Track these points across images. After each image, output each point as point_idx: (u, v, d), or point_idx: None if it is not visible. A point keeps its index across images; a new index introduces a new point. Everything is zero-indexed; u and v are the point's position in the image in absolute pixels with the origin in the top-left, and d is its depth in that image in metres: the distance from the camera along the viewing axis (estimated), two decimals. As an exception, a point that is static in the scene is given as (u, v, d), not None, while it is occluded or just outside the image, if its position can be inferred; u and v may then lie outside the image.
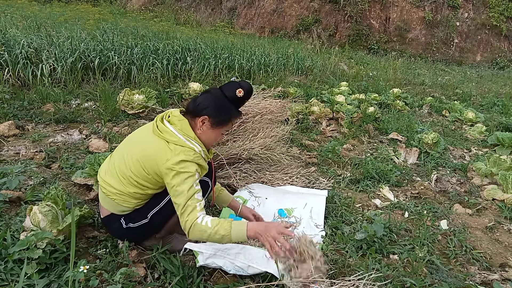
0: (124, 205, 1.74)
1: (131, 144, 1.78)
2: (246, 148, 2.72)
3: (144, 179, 1.69)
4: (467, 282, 1.91)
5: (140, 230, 1.78)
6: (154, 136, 1.69)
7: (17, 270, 1.60)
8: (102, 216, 1.83)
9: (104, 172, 1.80)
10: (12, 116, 3.42)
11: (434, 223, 2.49)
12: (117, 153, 1.81)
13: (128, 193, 1.71)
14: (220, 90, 1.74)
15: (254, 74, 6.11)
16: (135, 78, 4.86)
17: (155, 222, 1.78)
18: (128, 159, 1.71)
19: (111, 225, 1.82)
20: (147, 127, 1.79)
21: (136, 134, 1.83)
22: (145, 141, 1.71)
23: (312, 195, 2.53)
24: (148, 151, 1.67)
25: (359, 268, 1.87)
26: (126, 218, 1.77)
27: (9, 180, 2.21)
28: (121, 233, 1.82)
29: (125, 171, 1.70)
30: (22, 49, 4.28)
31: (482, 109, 6.11)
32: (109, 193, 1.73)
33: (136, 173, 1.68)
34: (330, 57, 8.39)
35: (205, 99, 1.71)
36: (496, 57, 12.46)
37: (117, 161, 1.76)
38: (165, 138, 1.65)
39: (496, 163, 3.27)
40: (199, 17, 13.22)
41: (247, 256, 1.67)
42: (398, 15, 12.68)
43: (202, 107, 1.69)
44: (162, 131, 1.67)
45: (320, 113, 4.52)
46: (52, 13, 8.29)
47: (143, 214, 1.77)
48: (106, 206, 1.79)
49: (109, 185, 1.73)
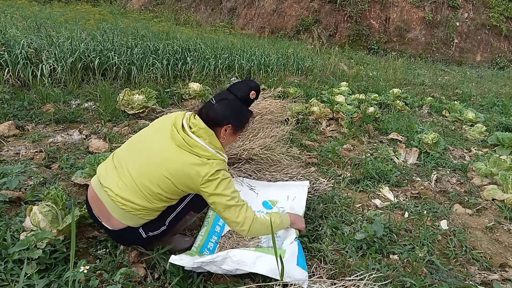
0: (145, 218, 1.70)
1: (151, 159, 1.64)
2: (246, 148, 2.72)
3: (174, 193, 1.67)
4: (467, 282, 1.91)
5: (159, 236, 1.79)
6: (183, 150, 1.62)
7: (17, 270, 1.60)
8: (114, 228, 1.71)
9: (117, 187, 1.64)
10: (12, 116, 3.42)
11: (434, 223, 2.49)
12: (132, 164, 1.66)
13: (153, 208, 1.67)
14: (234, 95, 1.72)
15: (254, 74, 6.11)
16: (135, 78, 4.86)
17: (171, 226, 1.80)
18: (152, 175, 1.61)
19: (126, 236, 1.75)
20: (162, 136, 1.68)
21: (152, 145, 1.69)
22: (171, 156, 1.62)
23: (295, 186, 2.55)
24: (179, 167, 1.60)
25: (359, 268, 1.87)
26: (145, 228, 1.73)
27: (9, 180, 2.21)
28: (138, 242, 1.81)
29: (152, 188, 1.62)
30: (22, 49, 4.28)
31: (482, 109, 6.10)
32: (130, 210, 1.64)
33: (166, 189, 1.63)
34: (330, 57, 8.38)
35: (225, 108, 1.68)
36: (496, 57, 12.45)
37: (136, 174, 1.63)
38: (197, 153, 1.61)
39: (496, 163, 3.27)
40: (199, 17, 13.22)
41: (234, 260, 1.65)
42: (398, 15, 12.67)
43: (224, 116, 1.68)
44: (192, 146, 1.62)
45: (320, 113, 4.52)
46: (52, 13, 8.28)
47: (162, 221, 1.76)
48: (124, 220, 1.68)
49: (130, 202, 1.63)
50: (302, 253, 1.85)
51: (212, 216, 2.16)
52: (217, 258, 1.64)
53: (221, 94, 1.75)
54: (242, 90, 1.73)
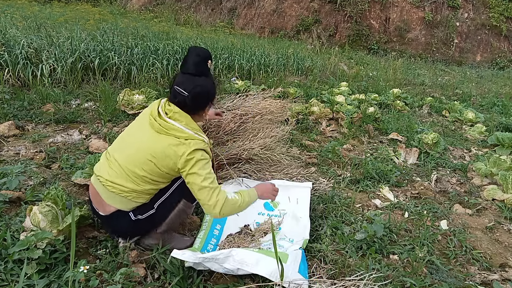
0: (137, 201, 1.78)
1: (135, 146, 1.76)
2: (246, 148, 2.72)
3: (159, 176, 1.74)
4: (467, 282, 1.91)
5: (147, 221, 1.83)
6: (161, 135, 1.71)
7: (17, 270, 1.60)
8: (106, 213, 1.80)
9: (107, 174, 1.77)
10: (12, 116, 3.42)
11: (434, 223, 2.49)
12: (118, 154, 1.79)
13: (142, 190, 1.75)
14: (198, 76, 1.75)
15: (254, 75, 6.11)
16: (135, 78, 4.86)
17: (160, 212, 1.84)
18: (137, 160, 1.72)
19: (117, 220, 1.81)
20: (143, 126, 1.79)
21: (135, 135, 1.82)
22: (151, 141, 1.72)
23: (297, 187, 2.54)
24: (159, 150, 1.69)
25: (359, 268, 1.87)
26: (135, 211, 1.80)
27: (9, 180, 2.21)
28: (128, 227, 1.83)
29: (138, 171, 1.71)
30: (22, 49, 4.28)
31: (482, 109, 6.10)
32: (120, 192, 1.74)
33: (150, 171, 1.72)
34: (330, 57, 8.38)
35: (201, 94, 1.76)
36: (496, 57, 12.45)
37: (123, 162, 1.75)
38: (175, 135, 1.70)
39: (496, 163, 3.27)
40: (199, 17, 13.22)
41: (236, 259, 1.65)
42: (398, 15, 12.67)
43: (205, 102, 1.81)
44: (169, 129, 1.70)
45: (320, 113, 4.52)
46: (52, 13, 8.28)
47: (151, 205, 1.82)
48: (115, 204, 1.77)
49: (120, 186, 1.73)
50: (305, 262, 1.85)
51: (210, 219, 2.16)
52: (219, 256, 1.64)
53: (186, 81, 1.75)
54: (198, 65, 1.77)
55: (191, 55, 1.79)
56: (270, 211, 2.34)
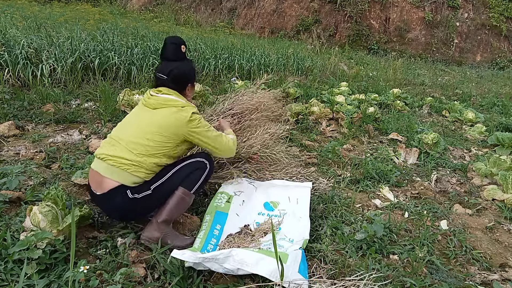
0: (135, 175, 1.84)
1: (138, 124, 1.94)
2: (245, 146, 2.71)
3: (161, 146, 1.88)
4: (467, 282, 1.91)
5: (142, 201, 1.87)
6: (159, 109, 1.92)
7: (17, 270, 1.60)
8: (105, 190, 1.84)
9: (108, 150, 1.87)
10: (12, 116, 3.43)
11: (434, 223, 2.49)
12: (121, 134, 1.93)
13: (141, 163, 1.84)
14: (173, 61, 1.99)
15: (254, 75, 6.11)
16: (135, 78, 4.86)
17: (156, 194, 1.89)
18: (141, 132, 1.88)
19: (114, 197, 1.84)
20: (140, 111, 2.00)
21: (134, 118, 2.00)
22: (152, 117, 1.91)
23: (297, 187, 2.53)
24: (163, 120, 1.89)
25: (359, 268, 1.87)
26: (132, 189, 1.85)
27: (9, 180, 2.21)
28: (123, 206, 1.86)
29: (141, 141, 1.86)
30: (22, 50, 4.28)
31: (482, 109, 6.11)
32: (119, 165, 1.82)
33: (154, 139, 1.87)
34: (330, 58, 8.38)
35: (178, 75, 1.99)
36: (496, 57, 12.45)
37: (126, 138, 1.88)
38: (172, 105, 1.92)
39: (496, 163, 3.27)
40: (199, 17, 13.22)
41: (236, 259, 1.65)
42: (398, 15, 12.68)
43: (183, 84, 2.03)
44: (165, 101, 1.93)
45: (320, 113, 4.52)
46: (52, 13, 8.28)
47: (147, 186, 1.87)
48: (114, 177, 1.83)
49: (119, 158, 1.83)
50: (305, 262, 1.85)
51: (210, 219, 2.16)
52: (219, 256, 1.64)
53: (164, 66, 2.01)
54: (174, 51, 2.00)
55: (167, 44, 2.01)
56: (270, 211, 2.34)
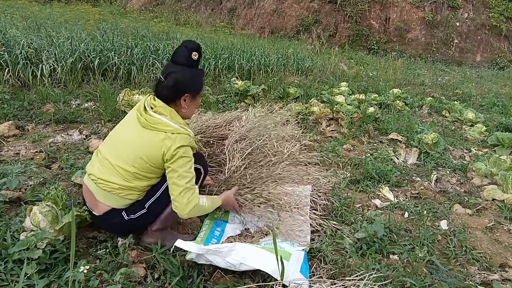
0: (128, 198, 1.80)
1: (123, 143, 1.80)
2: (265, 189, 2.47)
3: (149, 171, 1.77)
4: (467, 282, 1.91)
5: (140, 220, 1.85)
6: (147, 130, 1.74)
7: (17, 270, 1.60)
8: (100, 213, 1.84)
9: (99, 172, 1.81)
10: (12, 116, 3.42)
11: (434, 223, 2.49)
12: (109, 152, 1.82)
13: (133, 187, 1.78)
14: (178, 64, 1.78)
15: (254, 75, 6.10)
16: (135, 78, 4.86)
17: (152, 211, 1.85)
18: (127, 158, 1.75)
19: (111, 220, 1.84)
20: (131, 122, 1.82)
21: (123, 132, 1.86)
22: (139, 138, 1.76)
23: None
24: (148, 144, 1.73)
25: (359, 268, 1.87)
26: (127, 211, 1.83)
27: (9, 181, 2.21)
28: (122, 227, 1.86)
29: (128, 168, 1.75)
30: (22, 50, 4.28)
31: (482, 109, 6.10)
32: (110, 189, 1.77)
33: (140, 168, 1.75)
34: (330, 58, 8.38)
35: (174, 81, 1.75)
36: (496, 57, 12.44)
37: (113, 160, 1.78)
38: (161, 130, 1.72)
39: (496, 163, 3.27)
40: (199, 17, 13.22)
41: (239, 253, 1.65)
42: (398, 15, 12.67)
43: (176, 89, 1.77)
44: (154, 124, 1.73)
45: (320, 114, 4.51)
46: (52, 13, 8.27)
47: (142, 205, 1.84)
48: (107, 202, 1.81)
49: (110, 183, 1.77)
50: (306, 262, 1.85)
51: (210, 223, 2.16)
52: (223, 249, 1.65)
53: (167, 68, 1.81)
54: (183, 55, 1.77)
55: (180, 46, 1.82)
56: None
